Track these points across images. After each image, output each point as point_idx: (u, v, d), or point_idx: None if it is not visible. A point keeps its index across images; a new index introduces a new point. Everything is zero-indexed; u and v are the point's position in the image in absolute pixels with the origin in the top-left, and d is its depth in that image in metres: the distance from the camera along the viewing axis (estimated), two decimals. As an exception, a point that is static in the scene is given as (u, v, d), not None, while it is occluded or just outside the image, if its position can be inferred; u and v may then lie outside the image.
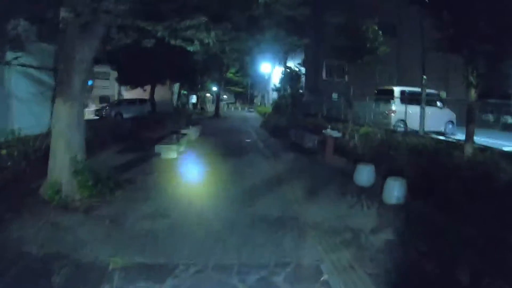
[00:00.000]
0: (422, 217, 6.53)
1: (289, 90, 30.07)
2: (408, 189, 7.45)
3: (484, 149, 9.03)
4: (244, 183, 8.86)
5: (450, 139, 11.12)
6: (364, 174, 8.75)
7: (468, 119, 8.74)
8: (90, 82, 42.75)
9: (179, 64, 19.31)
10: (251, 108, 55.88)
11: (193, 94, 51.18)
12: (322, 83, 32.73)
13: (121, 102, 34.04)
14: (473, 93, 8.49)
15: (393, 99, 17.23)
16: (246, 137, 19.32)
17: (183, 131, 17.39)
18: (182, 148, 13.45)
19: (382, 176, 8.94)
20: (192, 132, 18.00)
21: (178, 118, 22.86)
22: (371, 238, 5.61)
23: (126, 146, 14.26)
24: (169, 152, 12.02)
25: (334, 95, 31.64)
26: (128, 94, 36.32)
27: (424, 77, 13.12)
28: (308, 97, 30.33)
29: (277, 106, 33.42)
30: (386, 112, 17.19)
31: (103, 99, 46.56)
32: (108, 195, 7.38)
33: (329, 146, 12.11)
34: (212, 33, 7.78)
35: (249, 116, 40.26)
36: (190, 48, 8.39)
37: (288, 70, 30.74)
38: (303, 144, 15.20)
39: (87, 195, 7.10)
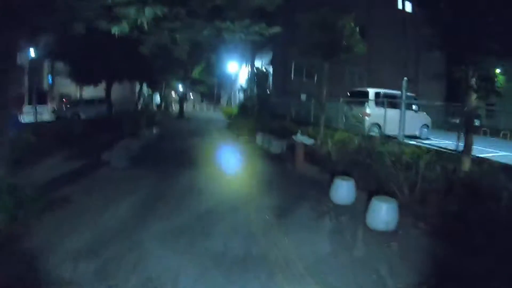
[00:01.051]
0: (423, 250, 5.23)
1: (255, 91, 28.74)
2: (399, 211, 6.10)
3: (480, 160, 7.82)
4: (197, 207, 7.33)
5: (441, 148, 9.85)
6: (343, 190, 7.40)
7: (467, 127, 7.54)
8: (49, 79, 40.48)
9: (135, 60, 17.54)
10: (217, 109, 54.21)
11: (157, 93, 49.23)
12: (291, 84, 31.51)
13: (79, 102, 32.00)
14: (473, 98, 7.24)
15: (367, 101, 16.08)
16: (209, 140, 17.77)
17: (139, 134, 15.84)
18: (134, 153, 11.92)
19: (363, 193, 7.72)
20: (150, 134, 16.41)
21: (138, 120, 21.08)
22: None
23: (73, 153, 12.61)
24: (117, 161, 10.38)
25: (303, 96, 30.52)
26: (92, 92, 34.04)
27: (405, 78, 11.90)
28: (276, 98, 29.00)
29: (243, 107, 31.99)
30: (360, 115, 16.01)
31: (64, 97, 44.07)
32: (34, 221, 5.90)
33: (299, 154, 10.76)
34: (147, 11, 6.18)
35: (214, 117, 38.62)
36: (115, 30, 6.79)
37: (255, 70, 29.42)
38: (270, 149, 13.83)
39: (5, 222, 5.52)
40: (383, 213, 6.01)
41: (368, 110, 15.96)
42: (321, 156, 11.43)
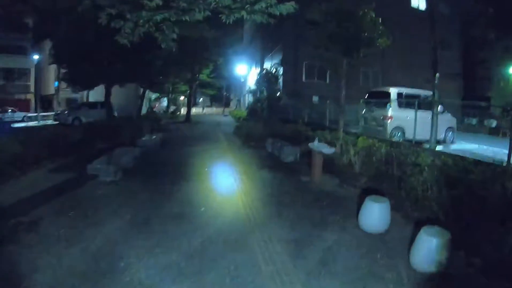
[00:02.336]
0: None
1: (265, 93, 27.34)
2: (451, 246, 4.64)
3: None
4: (188, 240, 5.84)
5: (486, 159, 8.22)
6: (375, 215, 5.88)
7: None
8: (56, 84, 39.63)
9: (134, 61, 16.26)
10: (226, 112, 52.90)
11: (164, 97, 48.10)
12: (302, 86, 30.01)
13: (81, 106, 30.96)
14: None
15: (389, 102, 14.52)
16: (214, 146, 16.26)
17: (141, 141, 14.49)
18: (129, 164, 10.56)
19: (397, 214, 6.29)
20: (151, 141, 15.00)
21: (141, 124, 19.70)
22: None
23: (61, 163, 11.43)
24: (106, 175, 8.98)
25: (315, 98, 29.06)
26: (99, 97, 32.93)
27: (437, 75, 10.39)
28: (287, 101, 27.52)
29: (252, 110, 30.66)
30: (381, 117, 14.46)
31: (71, 102, 43.20)
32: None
33: (318, 164, 9.25)
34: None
35: (223, 121, 37.16)
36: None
37: (264, 71, 28.04)
38: (282, 157, 12.35)
39: None
40: (433, 249, 4.53)
41: (390, 113, 14.41)
42: (342, 166, 9.97)
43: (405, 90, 15.37)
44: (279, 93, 28.09)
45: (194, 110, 43.96)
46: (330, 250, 5.20)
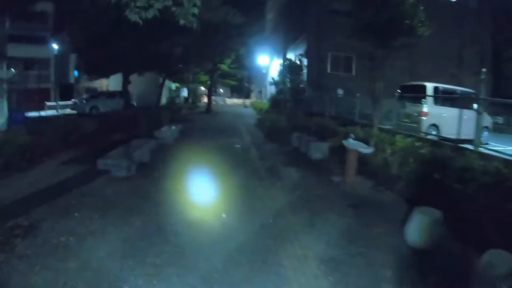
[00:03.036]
0: None
1: (289, 84, 26.41)
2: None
3: None
4: (217, 254, 5.05)
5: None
6: (426, 230, 4.97)
7: None
8: (75, 73, 39.35)
9: (152, 49, 15.52)
10: (247, 103, 52.08)
11: (185, 87, 47.49)
12: (326, 77, 28.89)
13: (99, 95, 30.38)
14: None
15: (425, 98, 13.52)
16: (236, 140, 15.37)
17: (158, 132, 13.76)
18: (144, 158, 9.84)
19: (454, 232, 5.36)
20: (170, 133, 14.27)
21: (160, 115, 19.00)
22: None
23: (75, 155, 10.84)
24: (118, 170, 8.24)
25: (340, 91, 27.98)
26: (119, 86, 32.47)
27: (484, 70, 9.36)
28: (311, 93, 26.55)
29: (274, 101, 29.75)
30: (416, 114, 13.46)
31: (90, 91, 42.89)
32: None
33: (352, 165, 8.34)
34: None
35: (244, 113, 36.36)
36: None
37: (287, 62, 27.13)
38: (309, 154, 11.47)
39: None
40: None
41: (426, 109, 13.40)
42: (376, 166, 9.04)
43: (441, 85, 14.35)
44: (302, 84, 27.11)
45: (213, 101, 43.04)
46: (377, 273, 4.34)
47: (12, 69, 31.26)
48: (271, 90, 37.95)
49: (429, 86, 13.86)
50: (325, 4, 28.69)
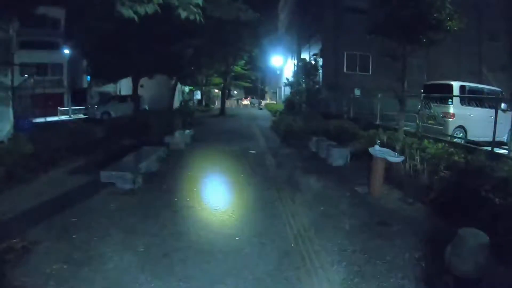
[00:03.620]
0: None
1: (304, 85, 25.65)
2: None
3: None
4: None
5: None
6: (470, 253, 4.19)
7: None
8: (88, 78, 39.15)
9: (161, 50, 14.88)
10: (261, 105, 51.44)
11: (198, 90, 47.02)
12: (343, 77, 28.04)
13: (111, 99, 30.02)
14: None
15: (451, 98, 12.68)
16: (250, 145, 14.62)
17: (169, 137, 13.14)
18: (152, 167, 9.21)
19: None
20: (181, 138, 13.62)
21: (172, 119, 18.36)
22: None
23: (81, 164, 10.34)
24: (123, 182, 7.59)
25: (357, 91, 27.13)
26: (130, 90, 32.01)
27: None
28: (327, 94, 25.76)
29: (289, 103, 29.00)
30: (442, 115, 12.63)
31: (104, 96, 42.68)
32: None
33: (379, 174, 7.57)
34: None
35: (258, 114, 35.64)
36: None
37: (302, 62, 26.40)
38: (329, 160, 10.73)
39: None
40: None
41: (452, 110, 12.57)
42: (404, 175, 8.26)
43: (467, 84, 13.49)
44: (318, 85, 26.32)
45: (228, 103, 42.43)
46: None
47: (26, 75, 31.25)
48: (286, 91, 37.26)
49: (456, 85, 13.00)
50: (340, 1, 27.93)
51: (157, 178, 8.75)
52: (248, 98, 69.57)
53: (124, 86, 32.95)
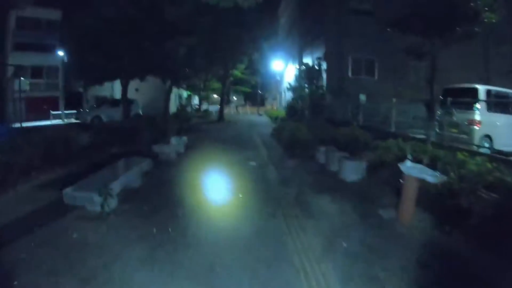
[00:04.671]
0: None
1: (307, 90, 24.21)
2: None
3: None
4: None
5: None
6: None
7: None
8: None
9: (151, 50, 13.40)
10: (261, 111, 50.01)
11: (196, 94, 45.69)
12: (348, 82, 26.59)
13: (102, 103, 28.62)
14: None
15: (476, 103, 11.26)
16: (250, 155, 13.11)
17: (160, 146, 11.68)
18: (134, 182, 7.74)
19: None
20: (172, 147, 12.13)
21: (166, 125, 16.88)
22: None
23: (57, 176, 9.10)
24: (92, 205, 6.09)
25: (362, 97, 25.71)
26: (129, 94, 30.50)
27: None
28: (331, 99, 24.32)
29: (291, 109, 27.48)
30: (466, 122, 11.20)
31: (100, 100, 41.35)
32: None
33: (410, 197, 6.07)
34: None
35: (258, 121, 34.16)
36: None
37: (304, 66, 25.01)
38: (342, 174, 9.23)
39: None
40: None
41: (478, 117, 11.14)
42: (437, 195, 6.77)
43: (493, 88, 12.07)
44: (322, 90, 24.85)
45: (226, 109, 40.85)
46: None
47: (22, 78, 30.01)
48: (287, 97, 35.88)
49: (481, 89, 11.57)
50: (345, 3, 26.61)
51: (137, 197, 7.24)
52: (247, 107, 67.74)
53: (119, 90, 31.58)
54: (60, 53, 38.33)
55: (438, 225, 6.00)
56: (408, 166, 6.05)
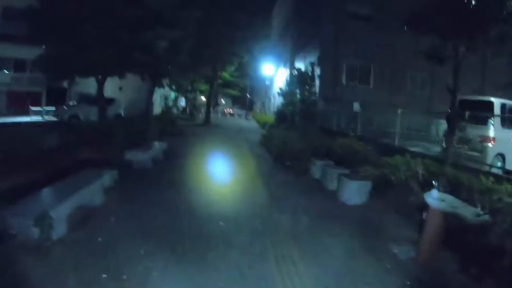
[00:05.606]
0: None
1: (298, 96, 22.96)
2: None
3: None
4: None
5: None
6: None
7: None
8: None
9: (128, 41, 11.96)
10: (248, 116, 48.75)
11: (183, 96, 44.19)
12: (341, 89, 25.40)
13: (81, 100, 26.96)
14: None
15: (490, 118, 10.09)
16: (237, 166, 11.75)
17: (134, 153, 10.24)
18: (93, 200, 6.34)
19: None
20: (148, 154, 10.69)
21: (146, 128, 15.34)
22: None
23: (7, 187, 6.95)
24: (30, 234, 4.66)
25: (356, 105, 24.54)
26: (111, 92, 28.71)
27: None
28: (323, 106, 23.11)
29: (281, 115, 26.18)
30: (478, 139, 10.01)
31: (85, 98, 39.61)
32: None
33: (434, 233, 4.79)
34: None
35: (246, 126, 32.79)
36: None
37: (296, 71, 23.81)
38: (342, 195, 7.94)
39: None
40: None
41: (492, 133, 9.98)
42: (459, 228, 5.50)
43: (509, 102, 10.93)
44: (315, 96, 23.57)
45: (212, 111, 39.34)
46: None
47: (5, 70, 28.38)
48: (277, 102, 34.70)
49: (497, 102, 10.42)
50: (341, 7, 25.51)
51: (94, 221, 5.77)
52: (230, 109, 66.00)
53: (106, 87, 29.98)
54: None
55: (464, 267, 4.76)
56: (435, 198, 4.77)
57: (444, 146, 9.70)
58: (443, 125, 10.69)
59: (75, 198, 5.61)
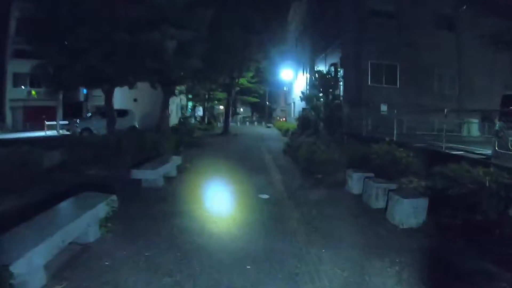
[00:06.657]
0: None
1: (322, 100, 21.53)
2: None
3: None
4: None
5: None
6: None
7: None
8: (84, 90, 35.93)
9: (132, 47, 10.76)
10: (269, 123, 47.52)
11: (200, 105, 43.35)
12: (367, 91, 23.91)
13: (93, 114, 26.43)
14: None
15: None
16: (261, 181, 10.21)
17: (142, 172, 8.92)
18: (91, 234, 5.12)
19: None
20: (160, 172, 9.29)
21: (160, 140, 14.03)
22: None
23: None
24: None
25: (383, 107, 23.06)
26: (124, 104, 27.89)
27: None
28: (348, 109, 21.67)
29: (304, 120, 24.74)
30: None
31: (99, 111, 39.13)
32: None
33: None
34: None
35: (266, 134, 31.46)
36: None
37: (319, 72, 22.39)
38: (392, 216, 6.47)
39: None
40: None
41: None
42: None
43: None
44: (339, 100, 22.12)
45: (231, 120, 38.15)
46: None
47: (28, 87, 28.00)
48: (297, 108, 33.42)
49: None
50: (363, 5, 24.16)
51: (84, 266, 4.44)
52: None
53: (118, 99, 29.15)
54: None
55: None
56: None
57: (497, 149, 8.22)
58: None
59: (56, 236, 4.28)
